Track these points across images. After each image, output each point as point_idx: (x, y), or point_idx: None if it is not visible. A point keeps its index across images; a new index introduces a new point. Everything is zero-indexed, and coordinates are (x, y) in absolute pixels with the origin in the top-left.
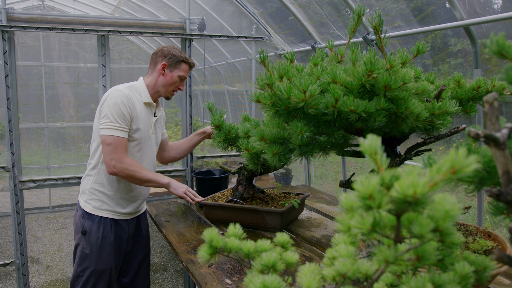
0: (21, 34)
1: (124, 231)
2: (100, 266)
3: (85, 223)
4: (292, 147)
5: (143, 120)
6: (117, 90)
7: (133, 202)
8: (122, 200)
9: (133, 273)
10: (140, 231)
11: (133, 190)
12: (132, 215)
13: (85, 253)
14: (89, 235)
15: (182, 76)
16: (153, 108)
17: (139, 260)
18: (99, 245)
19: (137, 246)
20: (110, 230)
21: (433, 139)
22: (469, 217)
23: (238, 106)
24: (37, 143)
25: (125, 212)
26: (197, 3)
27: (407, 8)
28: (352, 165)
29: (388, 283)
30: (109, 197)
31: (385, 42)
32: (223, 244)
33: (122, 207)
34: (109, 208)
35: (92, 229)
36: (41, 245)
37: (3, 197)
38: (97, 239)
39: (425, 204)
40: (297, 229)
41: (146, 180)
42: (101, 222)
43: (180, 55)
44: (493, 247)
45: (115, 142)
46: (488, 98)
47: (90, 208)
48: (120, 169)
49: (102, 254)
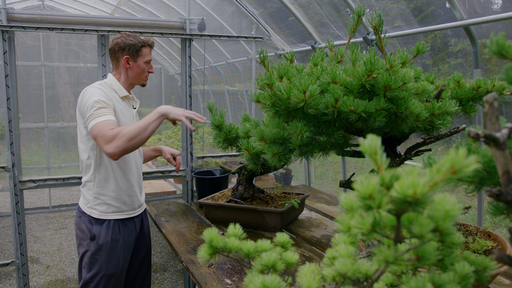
0: (21, 34)
1: (131, 231)
2: (111, 270)
3: (93, 228)
4: (292, 147)
5: (123, 115)
6: (90, 87)
7: (134, 193)
8: (125, 196)
9: (134, 272)
10: (142, 230)
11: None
12: (137, 210)
13: (95, 258)
14: (98, 240)
15: (147, 61)
16: (131, 101)
17: (140, 259)
18: (108, 249)
19: (138, 245)
20: (119, 232)
21: (433, 139)
22: (469, 217)
23: (238, 106)
24: (37, 143)
25: (130, 209)
26: (197, 3)
27: (407, 8)
28: (352, 165)
29: (388, 283)
30: (113, 198)
31: (385, 42)
32: (223, 244)
33: (126, 204)
34: (116, 209)
35: (101, 233)
36: (41, 245)
37: (3, 197)
38: (106, 243)
39: (425, 204)
40: (297, 229)
41: (143, 127)
42: (109, 226)
43: (136, 42)
44: (493, 247)
45: (99, 128)
46: (488, 98)
47: (98, 214)
48: (116, 146)
49: (112, 258)
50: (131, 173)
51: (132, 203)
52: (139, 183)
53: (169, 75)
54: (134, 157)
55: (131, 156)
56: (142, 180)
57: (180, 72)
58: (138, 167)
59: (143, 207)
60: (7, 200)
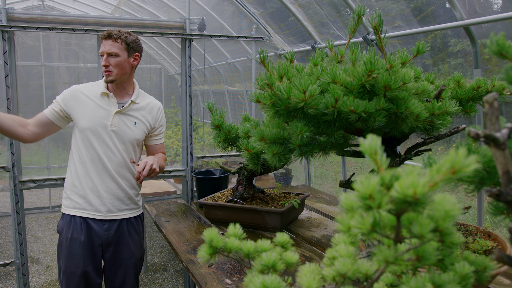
0: (21, 34)
1: (96, 235)
2: (70, 268)
3: (59, 222)
4: (292, 147)
5: (90, 109)
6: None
7: (103, 198)
8: (91, 192)
9: (120, 282)
10: (124, 241)
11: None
12: (106, 216)
13: (58, 252)
14: (60, 235)
15: (100, 53)
16: (113, 99)
17: (125, 269)
18: (67, 246)
19: (121, 256)
20: (81, 231)
21: (433, 139)
22: (469, 217)
23: (238, 106)
24: (37, 143)
25: (95, 210)
26: (197, 3)
27: (407, 8)
28: (352, 165)
29: (388, 283)
30: (75, 193)
31: (385, 42)
32: (223, 244)
33: (90, 203)
34: (78, 205)
35: (63, 228)
36: (41, 245)
37: (3, 197)
38: (66, 240)
39: (425, 204)
40: (297, 229)
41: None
42: (71, 222)
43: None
44: (493, 247)
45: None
46: (488, 98)
47: (63, 208)
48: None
49: (72, 256)
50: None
51: (97, 205)
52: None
53: (169, 75)
54: (108, 159)
55: (102, 157)
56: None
57: (180, 72)
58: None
59: (121, 217)
60: (7, 200)
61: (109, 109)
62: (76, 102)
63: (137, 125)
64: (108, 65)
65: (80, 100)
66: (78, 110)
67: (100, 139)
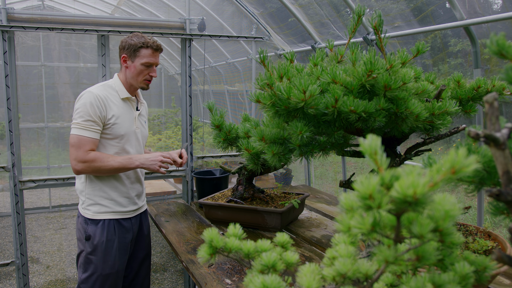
0: (21, 34)
1: (128, 231)
2: (106, 270)
3: (88, 228)
4: (292, 147)
5: (122, 116)
6: (87, 92)
7: (130, 198)
8: (119, 197)
9: (133, 274)
10: (142, 231)
11: (125, 185)
12: (134, 212)
13: (89, 258)
14: (93, 240)
15: (146, 63)
16: (134, 103)
17: (139, 261)
18: (103, 249)
19: (137, 247)
20: (114, 233)
21: (433, 139)
22: (469, 217)
23: (238, 106)
24: (37, 143)
25: (125, 210)
26: (197, 3)
27: (407, 8)
28: (352, 165)
29: (388, 283)
30: (104, 198)
31: (385, 42)
32: (223, 244)
33: (121, 205)
34: (109, 209)
35: (96, 233)
36: (41, 245)
37: (3, 197)
38: (101, 243)
39: (425, 204)
40: (297, 229)
41: (113, 169)
42: (104, 226)
43: (137, 42)
44: (493, 247)
45: (79, 141)
46: (488, 98)
47: (91, 214)
48: (82, 168)
49: (107, 258)
50: (124, 174)
51: (127, 204)
52: (136, 183)
53: (169, 75)
54: None
55: None
56: (143, 181)
57: (180, 72)
58: (139, 171)
59: (143, 209)
60: (7, 200)
61: (132, 112)
62: (111, 111)
63: (146, 122)
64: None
65: (111, 109)
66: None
67: (132, 143)
